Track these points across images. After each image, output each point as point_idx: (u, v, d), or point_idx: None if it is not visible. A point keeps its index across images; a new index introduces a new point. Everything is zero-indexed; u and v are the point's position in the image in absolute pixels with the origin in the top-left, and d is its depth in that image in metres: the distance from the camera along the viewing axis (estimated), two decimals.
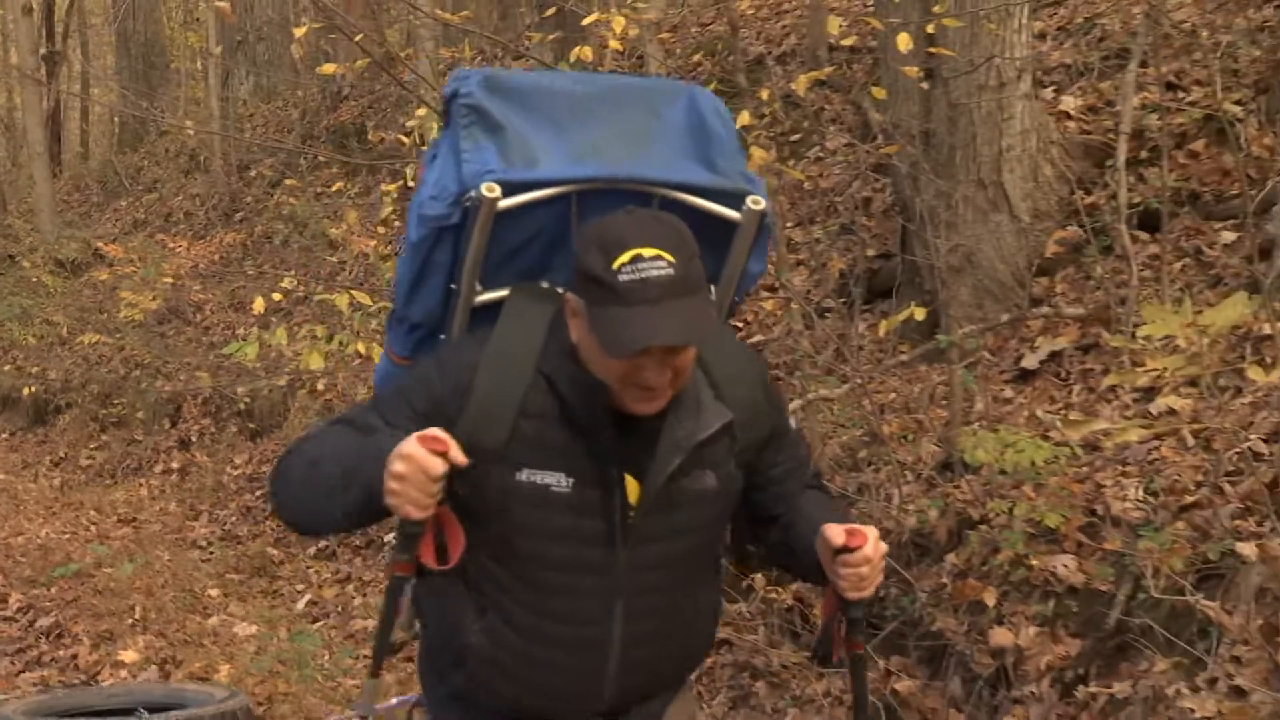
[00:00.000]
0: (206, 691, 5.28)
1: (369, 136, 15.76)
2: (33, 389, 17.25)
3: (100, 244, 20.75)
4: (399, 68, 9.54)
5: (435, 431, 2.56)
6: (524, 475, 2.76)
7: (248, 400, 13.27)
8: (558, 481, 2.77)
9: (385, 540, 9.87)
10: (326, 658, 7.10)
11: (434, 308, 3.05)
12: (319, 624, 8.54)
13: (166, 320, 16.85)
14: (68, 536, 10.83)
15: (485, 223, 2.86)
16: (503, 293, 2.96)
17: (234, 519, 11.65)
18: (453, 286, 3.00)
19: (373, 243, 11.06)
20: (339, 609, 9.00)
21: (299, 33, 8.33)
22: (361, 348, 8.65)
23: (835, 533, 2.75)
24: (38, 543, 10.58)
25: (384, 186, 11.01)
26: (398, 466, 2.52)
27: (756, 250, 3.11)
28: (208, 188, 20.58)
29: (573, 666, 2.89)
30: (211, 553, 10.61)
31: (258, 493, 11.96)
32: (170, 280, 17.11)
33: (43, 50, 25.61)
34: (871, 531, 2.77)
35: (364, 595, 9.13)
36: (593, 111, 3.03)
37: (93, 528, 11.37)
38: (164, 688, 5.49)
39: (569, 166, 2.93)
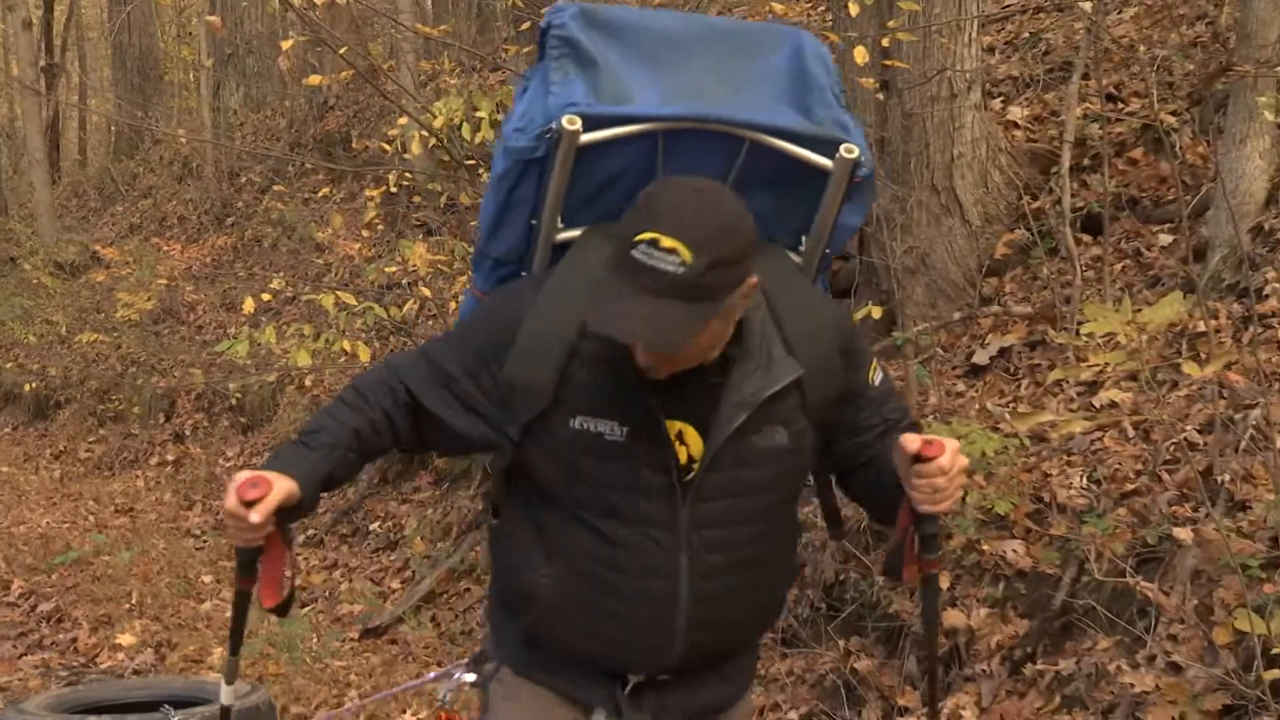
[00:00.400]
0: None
1: (353, 144, 15.76)
2: (34, 385, 17.18)
3: (98, 247, 20.64)
4: (382, 79, 9.51)
5: (258, 476, 2.50)
6: (577, 422, 2.57)
7: (239, 396, 13.23)
8: (610, 430, 2.57)
9: (370, 529, 9.89)
10: (315, 640, 7.09)
11: (516, 244, 2.82)
12: (307, 609, 8.52)
13: (161, 320, 16.80)
14: (68, 526, 10.79)
15: (566, 157, 2.62)
16: (579, 231, 2.75)
17: None
18: (534, 223, 2.76)
19: (357, 245, 11.04)
20: (326, 594, 8.98)
21: (286, 46, 8.30)
22: (347, 345, 8.62)
23: (911, 441, 2.50)
24: (39, 532, 10.53)
25: (368, 192, 11.00)
26: (225, 502, 2.51)
27: (852, 202, 2.84)
28: (200, 193, 20.49)
29: (638, 619, 2.66)
30: (205, 541, 10.58)
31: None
32: (164, 282, 17.04)
33: (42, 63, 25.49)
34: (951, 443, 2.51)
35: (350, 581, 9.11)
36: (691, 52, 2.78)
37: (91, 517, 11.32)
38: (184, 681, 5.27)
39: (658, 105, 2.67)
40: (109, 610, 7.90)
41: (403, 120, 8.70)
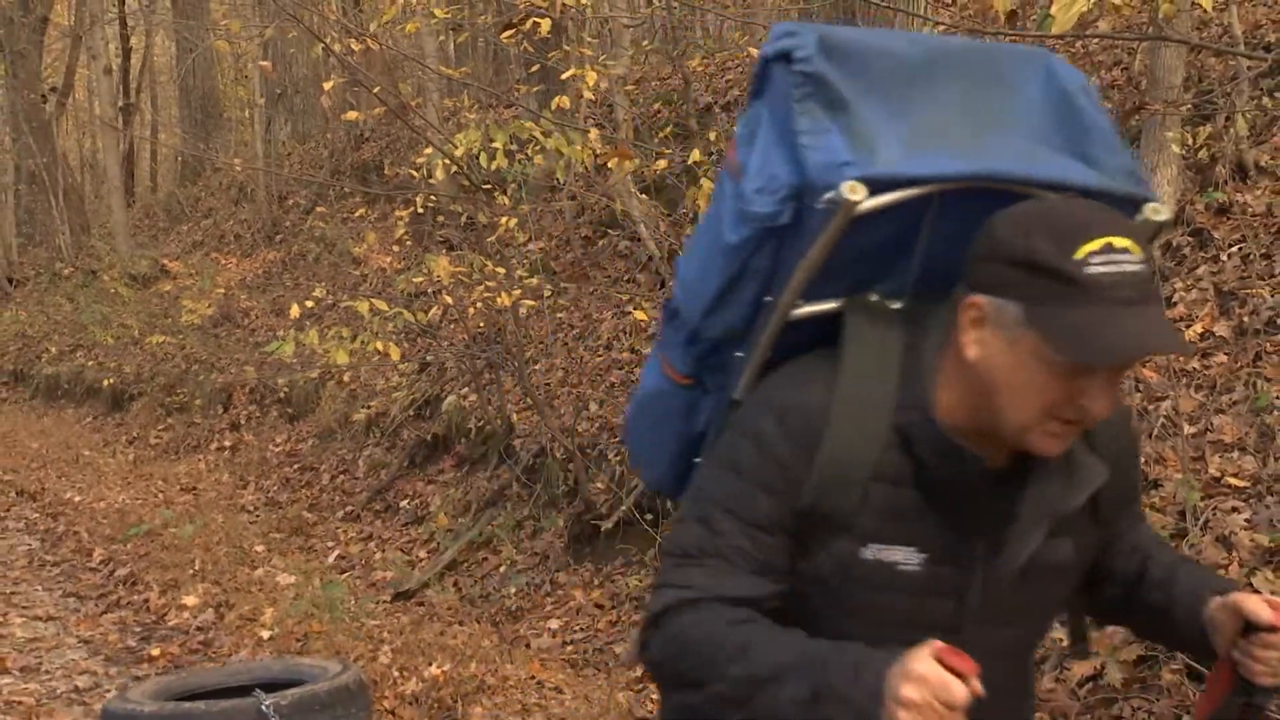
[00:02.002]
0: (321, 666, 4.73)
1: (385, 171, 15.71)
2: (111, 381, 17.17)
3: (165, 261, 20.65)
4: (410, 115, 9.46)
5: (950, 647, 1.64)
6: (870, 552, 1.84)
7: (286, 390, 13.19)
8: (906, 558, 1.85)
9: (401, 506, 9.84)
10: (352, 603, 7.04)
11: (738, 321, 1.98)
12: (346, 575, 8.47)
13: (220, 324, 16.75)
14: (140, 502, 10.74)
15: (838, 229, 1.84)
16: (823, 306, 1.94)
17: (275, 488, 11.56)
18: (767, 299, 1.95)
19: (388, 259, 10.99)
20: (363, 562, 8.94)
21: (328, 86, 8.25)
22: (380, 346, 8.57)
23: (1256, 607, 1.83)
24: (116, 507, 10.48)
25: (398, 212, 10.96)
26: (909, 692, 1.60)
27: None
28: (253, 214, 20.47)
29: None
30: (257, 516, 10.53)
31: (295, 466, 11.87)
32: (222, 291, 17.03)
33: (120, 103, 25.55)
34: None
35: (383, 551, 9.06)
36: (932, 82, 1.96)
37: (160, 495, 11.27)
38: (280, 663, 4.93)
39: (937, 160, 1.86)
40: (175, 575, 7.84)
41: (428, 150, 8.66)
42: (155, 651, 6.49)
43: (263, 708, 3.94)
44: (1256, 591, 1.97)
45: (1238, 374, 5.56)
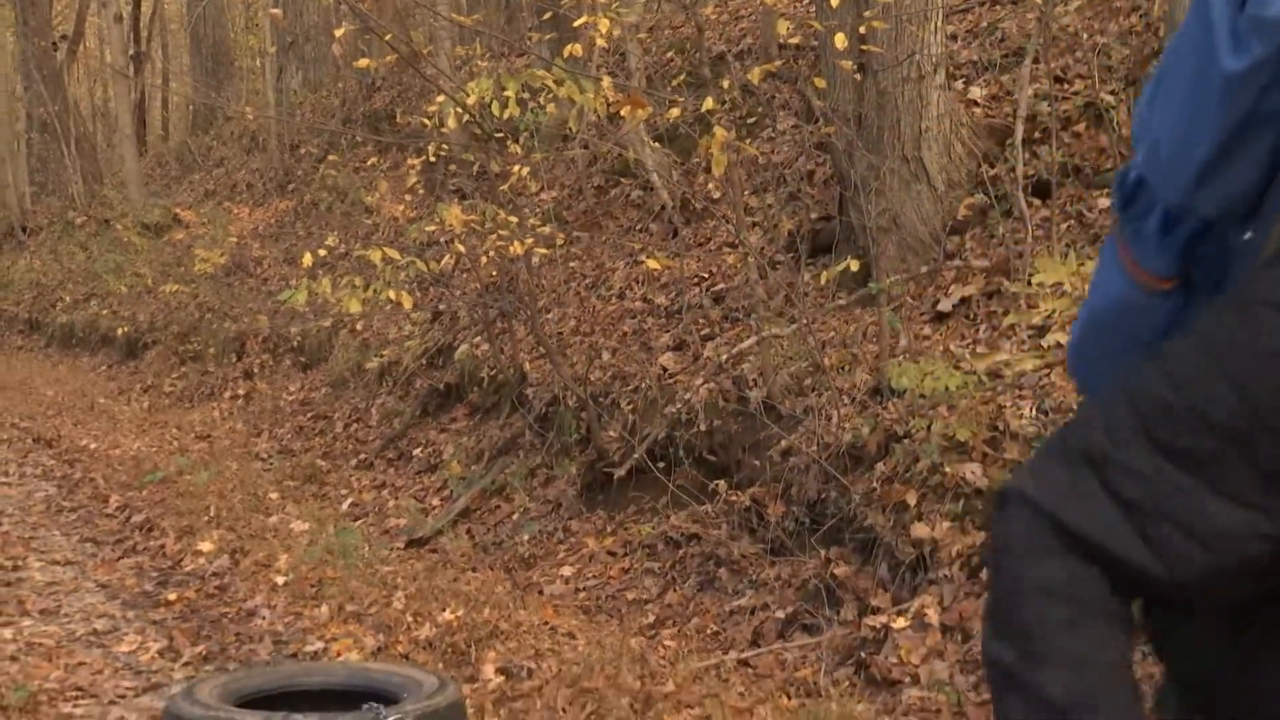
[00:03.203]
0: (404, 675, 4.15)
1: (397, 120, 15.63)
2: (125, 329, 17.21)
3: (178, 210, 20.63)
4: (422, 63, 9.40)
5: None
6: None
7: (299, 339, 13.20)
8: None
9: (414, 454, 9.86)
10: (366, 549, 7.07)
11: (1245, 189, 1.30)
12: (359, 522, 8.51)
13: (232, 273, 16.76)
14: (155, 449, 10.78)
15: None
16: None
17: (289, 436, 11.59)
18: None
19: (400, 208, 10.96)
20: (376, 510, 8.97)
21: (339, 34, 8.19)
22: (392, 295, 8.56)
23: None
24: (131, 454, 10.52)
25: (410, 161, 10.91)
26: None
27: None
28: (265, 164, 20.42)
29: None
30: (271, 463, 10.57)
31: (309, 415, 11.90)
32: (235, 240, 17.03)
33: (130, 51, 25.41)
34: None
35: (396, 499, 9.09)
36: None
37: (175, 442, 11.31)
38: (345, 670, 4.43)
39: None
40: (191, 521, 7.88)
41: (440, 98, 8.60)
42: (172, 596, 6.53)
43: None
44: None
45: None
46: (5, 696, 4.72)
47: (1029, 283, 6.21)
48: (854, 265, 6.82)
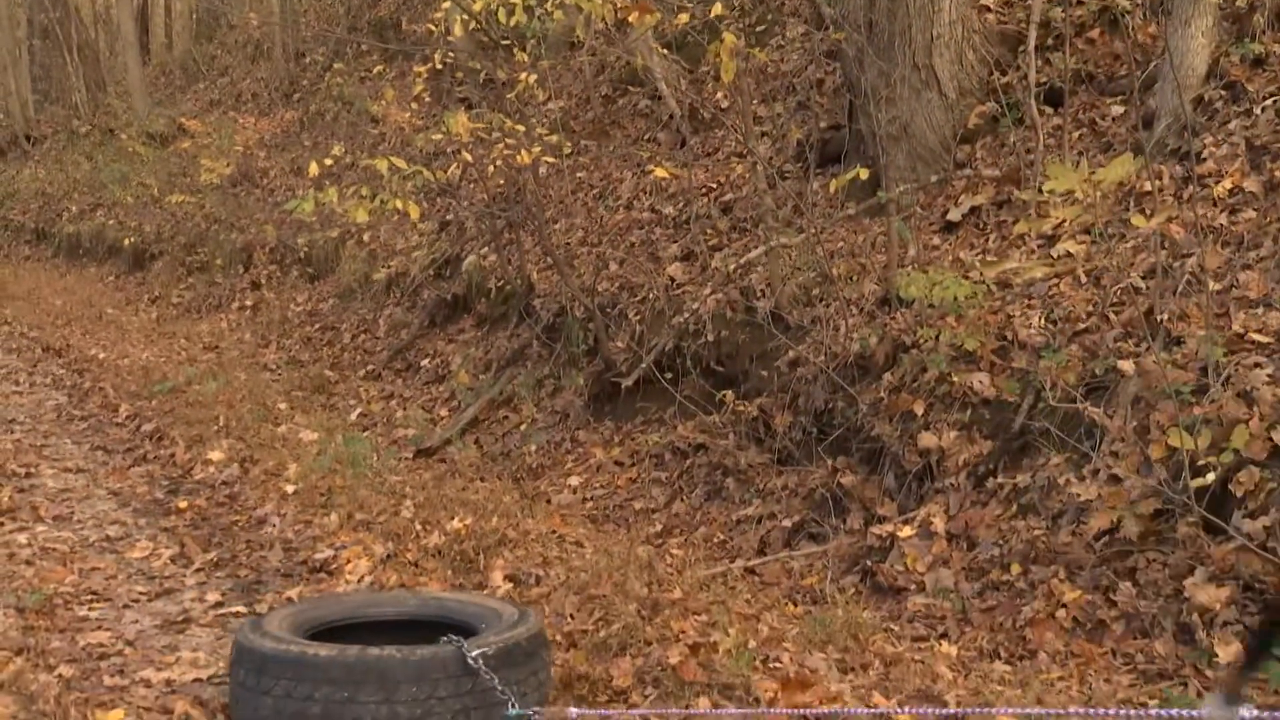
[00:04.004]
0: (480, 604, 4.02)
1: (403, 27, 15.48)
2: (131, 240, 17.21)
3: (183, 120, 20.52)
4: None
5: None
6: None
7: (306, 249, 13.19)
8: None
9: (421, 365, 9.89)
10: (375, 459, 7.11)
11: None
12: (368, 432, 8.55)
13: (238, 183, 16.70)
14: (164, 360, 10.82)
15: None
16: None
17: (297, 347, 11.62)
18: None
19: (407, 116, 10.89)
20: (384, 420, 9.02)
21: None
22: (399, 204, 8.53)
23: None
24: (140, 364, 10.57)
25: (416, 70, 10.81)
26: None
27: None
28: (270, 73, 20.26)
29: None
30: (279, 374, 10.61)
31: (316, 326, 11.92)
32: (240, 150, 16.93)
33: None
34: None
35: (404, 409, 9.14)
36: None
37: (183, 353, 11.36)
38: (421, 598, 4.24)
39: None
40: (200, 431, 7.93)
41: (446, 5, 8.51)
42: (183, 504, 6.59)
43: (469, 659, 3.44)
44: (1273, 442, 1.68)
45: (1266, 229, 5.51)
46: (22, 599, 4.80)
47: (1040, 190, 6.18)
48: (863, 174, 6.78)
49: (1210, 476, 4.35)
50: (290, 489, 6.55)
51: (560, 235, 9.62)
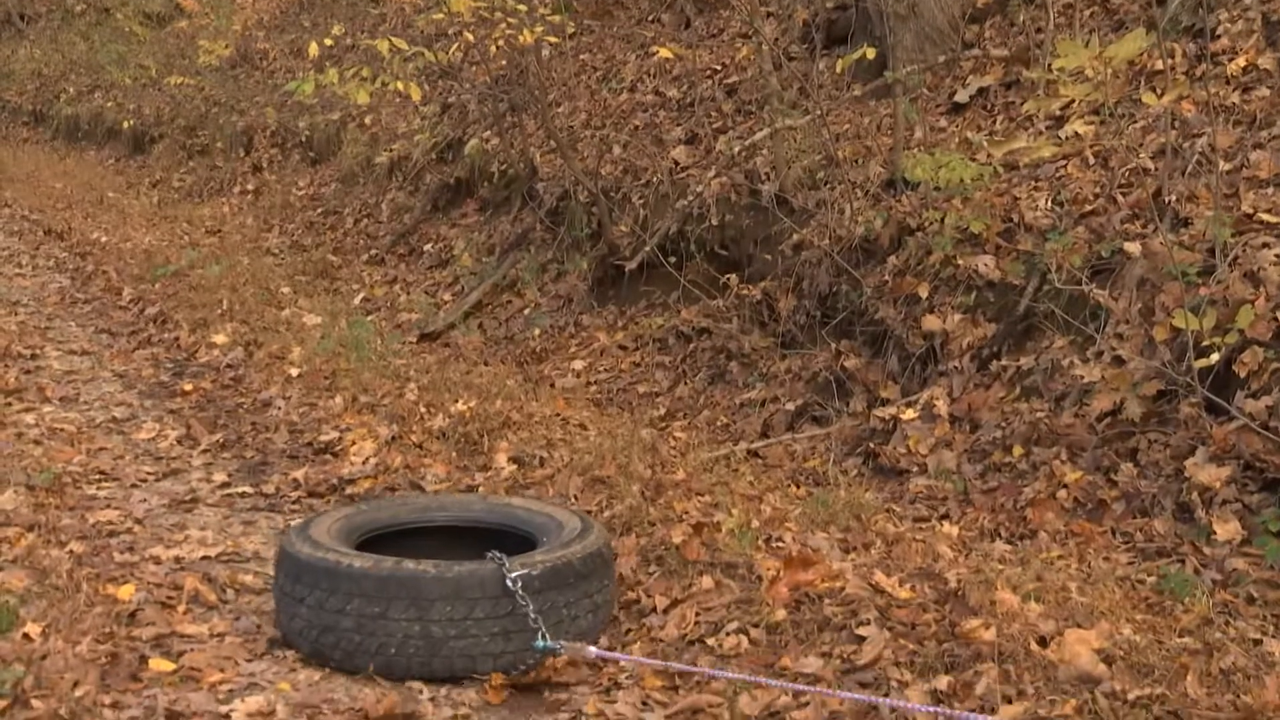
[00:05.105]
0: (545, 514, 3.79)
1: None
2: (130, 123, 17.06)
3: None
4: None
5: None
6: None
7: (308, 132, 13.08)
8: None
9: (424, 249, 9.86)
10: (379, 342, 7.13)
11: None
12: (371, 316, 8.56)
13: (238, 65, 16.49)
14: (166, 243, 10.79)
15: None
16: None
17: (300, 231, 11.58)
18: None
19: None
20: (388, 304, 9.02)
21: None
22: (400, 86, 8.44)
23: None
24: (143, 248, 10.54)
25: None
26: None
27: None
28: None
29: None
30: (282, 258, 10.58)
31: (319, 210, 11.86)
32: (239, 31, 16.69)
33: None
34: None
35: (407, 294, 9.13)
36: None
37: (186, 237, 11.32)
38: (483, 502, 4.03)
39: None
40: (204, 314, 7.94)
41: None
42: (188, 386, 6.62)
43: (508, 581, 3.19)
44: (1278, 322, 1.74)
45: (1279, 108, 5.45)
46: (31, 478, 4.84)
47: (1048, 68, 6.10)
48: (870, 54, 6.68)
49: (1214, 357, 4.36)
50: (294, 372, 6.58)
51: (563, 118, 9.52)
